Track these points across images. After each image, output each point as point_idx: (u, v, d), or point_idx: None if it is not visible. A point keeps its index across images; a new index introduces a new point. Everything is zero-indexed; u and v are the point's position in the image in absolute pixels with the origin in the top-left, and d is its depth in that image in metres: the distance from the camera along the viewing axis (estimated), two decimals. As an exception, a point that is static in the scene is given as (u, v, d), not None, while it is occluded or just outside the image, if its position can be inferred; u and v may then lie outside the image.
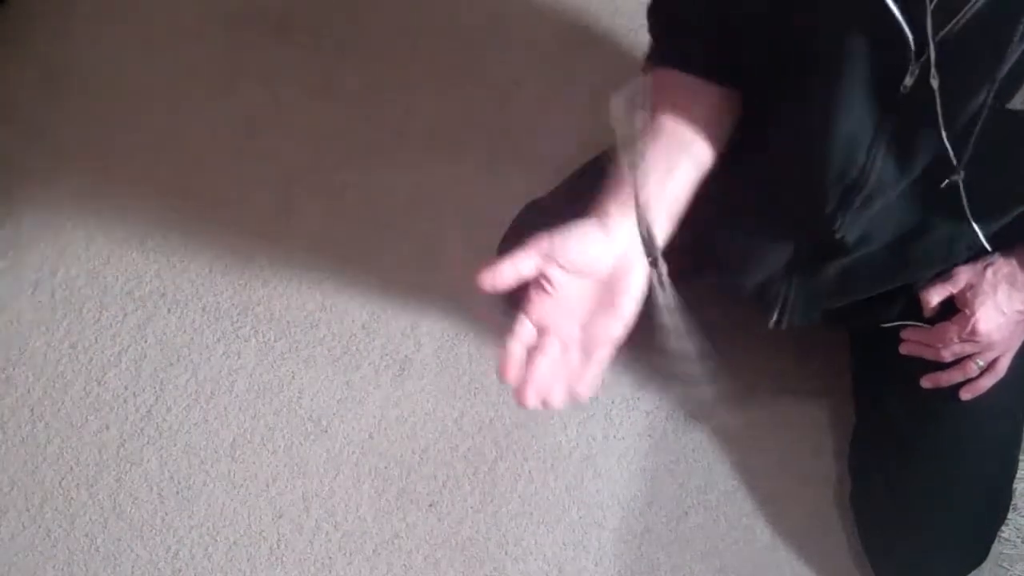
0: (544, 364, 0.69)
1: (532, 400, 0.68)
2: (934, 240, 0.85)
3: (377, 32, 1.44)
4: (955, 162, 0.72)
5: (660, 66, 0.83)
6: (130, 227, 1.28)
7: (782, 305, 0.94)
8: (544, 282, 0.69)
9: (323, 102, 1.37)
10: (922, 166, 0.75)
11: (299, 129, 1.35)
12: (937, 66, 0.66)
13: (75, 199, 1.29)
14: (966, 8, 0.63)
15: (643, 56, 0.86)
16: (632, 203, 0.67)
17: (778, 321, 0.96)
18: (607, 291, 0.70)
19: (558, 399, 0.68)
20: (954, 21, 0.63)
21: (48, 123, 1.34)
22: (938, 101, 0.67)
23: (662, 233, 0.73)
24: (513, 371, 0.68)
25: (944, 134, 0.69)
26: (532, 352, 0.69)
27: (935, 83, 0.66)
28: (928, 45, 0.65)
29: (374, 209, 1.30)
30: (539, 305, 0.70)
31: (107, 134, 1.34)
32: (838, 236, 0.82)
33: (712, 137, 0.79)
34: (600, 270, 0.70)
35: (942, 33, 0.64)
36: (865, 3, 0.64)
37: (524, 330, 0.70)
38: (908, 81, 0.68)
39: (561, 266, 0.69)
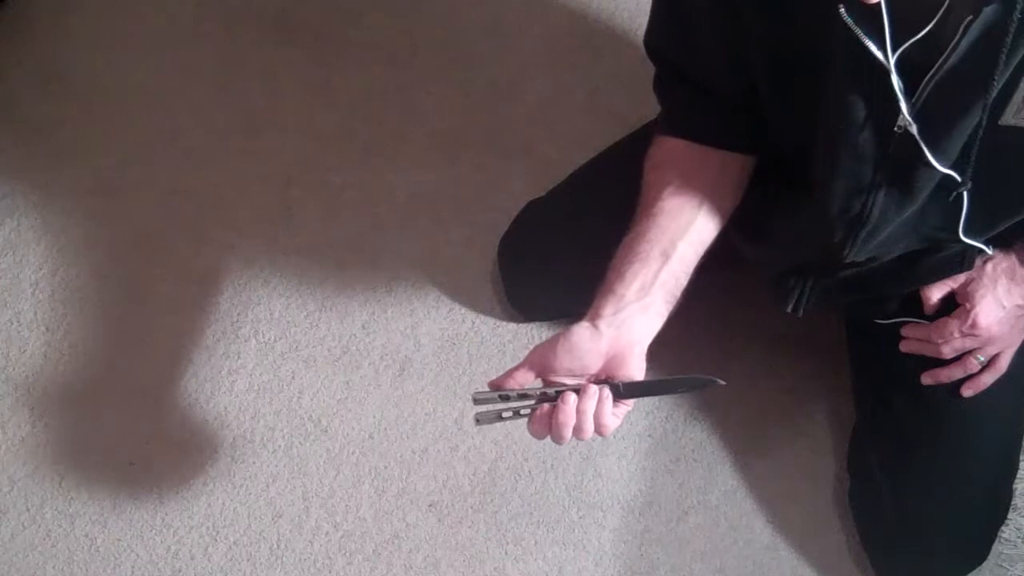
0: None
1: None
2: (946, 255, 0.87)
3: (377, 32, 1.44)
4: (959, 180, 0.74)
5: (670, 135, 0.86)
6: (130, 227, 1.28)
7: (798, 297, 0.96)
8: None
9: (323, 102, 1.37)
10: (923, 197, 0.77)
11: (299, 129, 1.35)
12: (921, 109, 0.69)
13: (75, 199, 1.29)
14: (943, 57, 0.65)
15: (658, 121, 0.90)
16: (625, 297, 0.77)
17: (794, 308, 0.97)
18: (606, 367, 0.77)
19: (588, 433, 0.76)
20: (934, 69, 0.66)
21: (48, 123, 1.34)
22: (922, 144, 0.70)
23: (659, 316, 0.79)
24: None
25: (938, 165, 0.72)
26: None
27: (913, 129, 0.69)
28: (917, 90, 0.68)
29: (374, 209, 1.30)
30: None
31: (107, 134, 1.34)
32: (847, 261, 0.84)
33: (720, 201, 0.84)
34: (592, 367, 0.76)
35: (924, 81, 0.67)
36: (858, 58, 0.66)
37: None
38: (901, 123, 0.70)
39: (554, 379, 0.76)
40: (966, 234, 0.81)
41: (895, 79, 0.67)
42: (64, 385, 1.18)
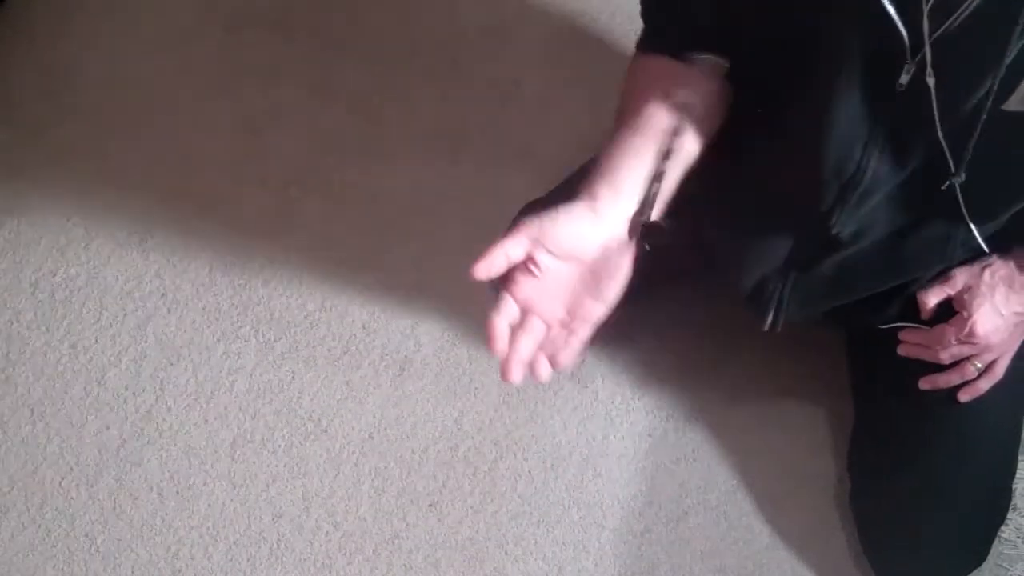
0: (527, 342, 0.72)
1: (517, 375, 0.71)
2: (928, 238, 0.84)
3: (377, 32, 1.44)
4: (951, 164, 0.72)
5: (653, 52, 0.83)
6: (130, 227, 1.28)
7: (777, 306, 0.94)
8: (531, 266, 0.71)
9: (323, 102, 1.37)
10: (915, 164, 0.74)
11: (299, 129, 1.35)
12: (934, 65, 0.66)
13: (75, 199, 1.29)
14: (962, 7, 0.62)
15: (636, 41, 0.86)
16: (622, 186, 0.70)
17: (773, 323, 0.96)
18: (592, 275, 0.72)
19: (543, 372, 0.72)
20: (951, 20, 0.63)
21: (48, 123, 1.34)
22: (934, 99, 0.67)
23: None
24: (499, 345, 0.71)
25: (940, 132, 0.69)
26: (516, 330, 0.72)
27: (931, 81, 0.66)
28: (924, 43, 0.65)
29: (374, 209, 1.30)
30: (524, 286, 0.72)
31: (107, 134, 1.34)
32: (834, 232, 0.81)
33: (700, 127, 0.79)
34: (587, 254, 0.72)
35: (938, 32, 0.64)
36: (861, 2, 0.64)
37: (508, 308, 0.72)
38: (903, 79, 0.67)
39: (549, 251, 0.71)
40: (971, 219, 0.78)
41: (900, 25, 0.64)
42: (64, 385, 1.18)
